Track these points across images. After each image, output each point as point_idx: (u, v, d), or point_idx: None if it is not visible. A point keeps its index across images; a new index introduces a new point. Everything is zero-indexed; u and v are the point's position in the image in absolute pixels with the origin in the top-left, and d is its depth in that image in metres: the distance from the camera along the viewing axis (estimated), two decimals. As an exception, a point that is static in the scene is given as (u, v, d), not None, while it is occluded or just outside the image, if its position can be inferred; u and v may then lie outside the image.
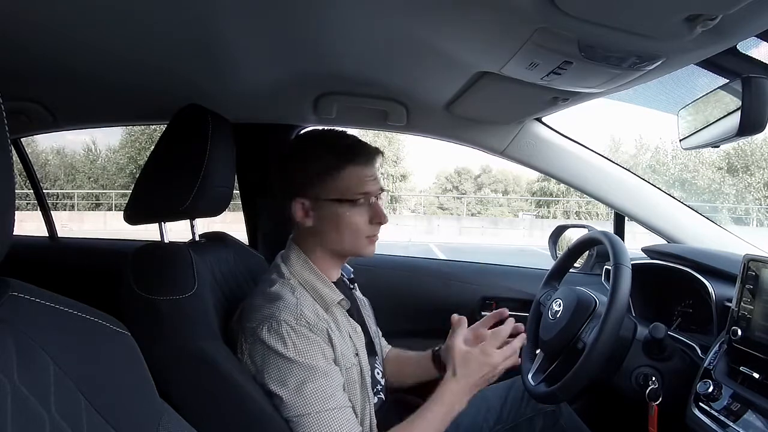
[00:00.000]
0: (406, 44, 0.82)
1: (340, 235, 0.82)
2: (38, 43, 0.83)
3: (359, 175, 0.81)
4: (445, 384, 0.81)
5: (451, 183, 25.08)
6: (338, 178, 0.80)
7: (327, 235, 0.82)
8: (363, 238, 0.83)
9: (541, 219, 17.70)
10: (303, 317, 0.75)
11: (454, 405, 0.80)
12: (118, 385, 0.47)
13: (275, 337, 0.73)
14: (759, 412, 0.68)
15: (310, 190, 0.81)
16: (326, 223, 0.81)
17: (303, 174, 0.81)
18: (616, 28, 0.62)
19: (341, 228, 0.81)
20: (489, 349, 0.81)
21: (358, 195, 0.80)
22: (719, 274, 0.97)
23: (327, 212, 0.81)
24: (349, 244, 0.83)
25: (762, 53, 0.82)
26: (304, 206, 0.81)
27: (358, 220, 0.81)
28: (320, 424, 0.72)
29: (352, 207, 0.80)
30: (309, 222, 0.82)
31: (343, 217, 0.80)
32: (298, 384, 0.72)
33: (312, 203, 0.81)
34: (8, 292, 0.41)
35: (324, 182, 0.80)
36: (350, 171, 0.80)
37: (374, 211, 0.82)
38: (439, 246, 10.79)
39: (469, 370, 0.81)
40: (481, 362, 0.81)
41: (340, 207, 0.80)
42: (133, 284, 0.73)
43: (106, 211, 15.36)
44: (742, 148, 18.78)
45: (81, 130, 2.50)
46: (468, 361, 0.81)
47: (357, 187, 0.80)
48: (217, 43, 0.86)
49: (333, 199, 0.80)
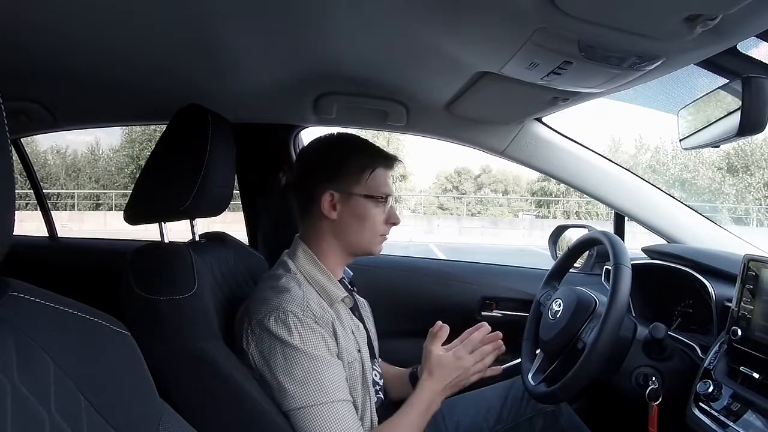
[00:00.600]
0: (406, 44, 0.82)
1: (361, 230, 0.86)
2: (38, 43, 0.83)
3: (384, 178, 0.88)
4: (424, 383, 0.85)
5: (451, 183, 25.07)
6: (370, 176, 0.86)
7: (348, 229, 0.86)
8: (378, 235, 0.88)
9: (541, 219, 17.70)
10: (309, 309, 0.77)
11: (432, 404, 0.84)
12: (118, 385, 0.47)
13: (282, 327, 0.75)
14: (759, 412, 0.68)
15: (344, 184, 0.85)
16: (351, 217, 0.86)
17: (338, 168, 0.85)
18: (616, 28, 0.62)
19: (364, 223, 0.86)
20: (460, 352, 0.86)
21: (382, 195, 0.87)
22: (719, 274, 0.97)
23: (354, 207, 0.85)
24: (366, 239, 0.88)
25: (762, 53, 0.82)
26: (333, 198, 0.85)
27: (378, 218, 0.87)
28: (321, 416, 0.73)
29: (377, 205, 0.86)
30: (333, 215, 0.85)
31: (369, 213, 0.86)
32: (303, 374, 0.74)
33: (341, 196, 0.85)
34: (8, 292, 0.41)
35: (358, 179, 0.85)
36: (379, 172, 0.87)
37: (390, 213, 0.89)
38: (439, 246, 10.79)
39: (444, 372, 0.85)
40: (454, 365, 0.85)
41: (367, 203, 0.85)
42: (133, 284, 0.73)
43: (107, 211, 15.37)
44: (742, 148, 18.78)
45: (82, 130, 2.51)
46: (442, 364, 0.85)
47: (381, 188, 0.87)
48: (217, 43, 0.86)
49: (363, 195, 0.85)
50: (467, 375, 0.86)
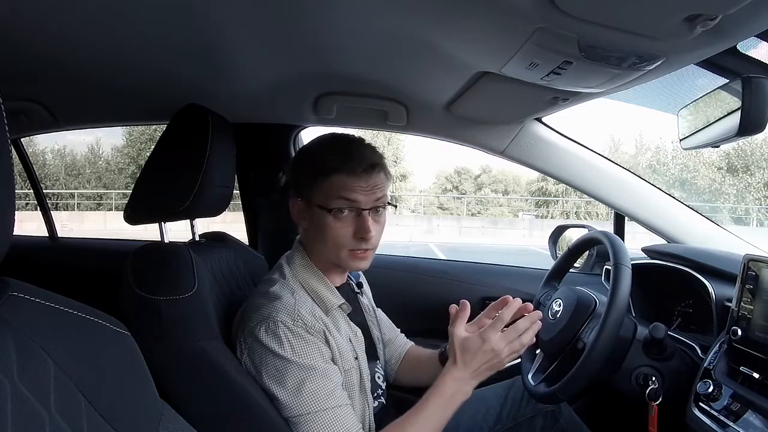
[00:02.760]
0: (406, 44, 0.82)
1: (324, 244, 0.80)
2: (38, 43, 0.83)
3: (346, 185, 0.77)
4: (446, 373, 0.78)
5: (451, 183, 25.08)
6: (324, 184, 0.77)
7: (313, 241, 0.82)
8: (344, 250, 0.79)
9: (541, 219, 17.70)
10: (300, 318, 0.75)
11: (457, 395, 0.77)
12: (118, 385, 0.47)
13: (272, 338, 0.73)
14: (759, 412, 0.68)
15: (305, 192, 0.80)
16: (314, 228, 0.80)
17: (299, 174, 0.81)
18: (616, 28, 0.62)
19: (324, 236, 0.79)
20: (488, 333, 0.77)
21: (342, 205, 0.77)
22: (719, 274, 0.97)
23: (314, 217, 0.80)
24: (332, 254, 0.80)
25: (762, 53, 0.82)
26: (299, 207, 0.82)
27: (339, 231, 0.78)
28: (320, 424, 0.72)
29: (335, 217, 0.77)
30: (304, 224, 0.83)
31: (326, 226, 0.78)
32: (296, 384, 0.72)
33: (303, 205, 0.81)
34: (8, 292, 0.41)
35: (313, 186, 0.78)
36: (336, 179, 0.77)
37: (359, 225, 0.78)
38: (439, 246, 10.79)
39: (469, 357, 0.77)
40: (481, 348, 0.76)
41: (323, 214, 0.78)
42: (133, 284, 0.73)
43: (107, 212, 15.37)
44: (742, 148, 18.79)
45: (82, 131, 2.50)
46: (467, 348, 0.77)
47: (341, 197, 0.77)
48: (217, 43, 0.86)
49: (319, 205, 0.78)
50: (500, 358, 0.77)
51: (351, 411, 0.76)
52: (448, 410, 0.77)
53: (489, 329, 0.77)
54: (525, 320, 0.79)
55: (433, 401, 0.77)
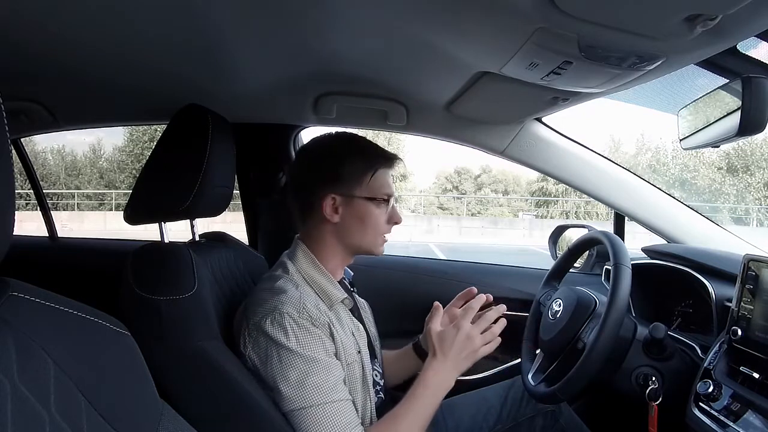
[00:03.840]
0: (406, 44, 0.82)
1: (364, 232, 0.86)
2: (38, 43, 0.83)
3: (386, 178, 0.87)
4: (428, 365, 0.82)
5: (451, 183, 25.08)
6: (372, 178, 0.85)
7: (350, 231, 0.86)
8: (380, 235, 0.88)
9: (541, 219, 17.70)
10: (305, 310, 0.76)
11: (441, 384, 0.81)
12: (118, 385, 0.47)
13: (278, 329, 0.75)
14: (759, 412, 0.68)
15: (345, 188, 0.85)
16: (353, 219, 0.85)
17: (339, 172, 0.85)
18: (616, 28, 0.62)
19: (366, 225, 0.86)
20: (461, 322, 0.82)
21: (384, 196, 0.86)
22: (719, 274, 0.97)
23: (356, 209, 0.85)
24: (368, 240, 0.87)
25: (762, 53, 0.82)
26: (334, 202, 0.85)
27: (381, 219, 0.87)
28: (321, 417, 0.73)
29: (379, 206, 0.86)
30: (336, 218, 0.85)
31: (371, 215, 0.86)
32: (299, 377, 0.73)
33: (343, 200, 0.85)
34: (8, 292, 0.41)
35: (359, 181, 0.85)
36: (380, 173, 0.86)
37: (392, 213, 0.89)
38: (439, 246, 10.79)
39: (447, 347, 0.81)
40: (456, 336, 0.81)
41: (369, 205, 0.85)
42: (133, 284, 0.73)
43: (107, 212, 15.37)
44: (742, 148, 18.79)
45: (83, 131, 2.50)
46: (444, 339, 0.82)
47: (383, 189, 0.86)
48: (217, 43, 0.86)
49: (365, 197, 0.85)
50: (475, 346, 0.81)
51: (351, 406, 0.77)
52: (435, 401, 0.81)
53: (461, 319, 0.83)
54: (492, 312, 0.84)
55: (419, 394, 0.80)
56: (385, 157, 0.88)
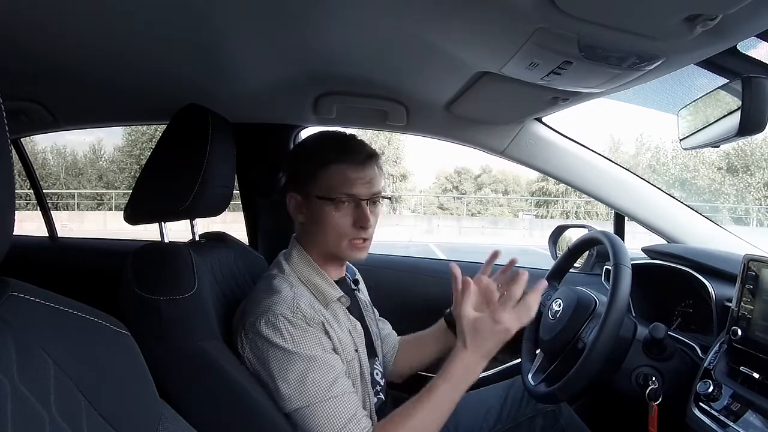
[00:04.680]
0: (406, 44, 0.82)
1: (324, 235, 0.82)
2: (38, 43, 0.83)
3: (346, 176, 0.80)
4: (455, 356, 0.76)
5: (451, 183, 25.09)
6: (324, 175, 0.80)
7: (312, 233, 0.84)
8: (345, 240, 0.82)
9: (541, 219, 17.71)
10: (299, 310, 0.76)
11: (469, 376, 0.76)
12: (118, 385, 0.47)
13: (272, 330, 0.74)
14: (759, 412, 0.68)
15: (302, 186, 0.82)
16: (313, 221, 0.82)
17: (297, 169, 0.83)
18: (616, 28, 0.62)
19: (324, 227, 0.81)
20: (500, 315, 0.74)
21: (342, 195, 0.79)
22: (719, 274, 0.97)
23: (314, 210, 0.82)
24: (332, 245, 0.82)
25: (762, 53, 0.82)
26: (296, 201, 0.84)
27: (340, 221, 0.80)
28: (323, 413, 0.73)
29: (336, 207, 0.80)
30: (300, 218, 0.84)
31: (326, 217, 0.80)
32: (298, 376, 0.73)
33: (303, 199, 0.83)
34: (8, 292, 0.41)
35: (313, 179, 0.81)
36: (336, 170, 0.79)
37: (358, 214, 0.80)
38: (439, 246, 10.79)
39: (481, 339, 0.75)
40: (494, 329, 0.75)
41: (324, 205, 0.80)
42: (133, 284, 0.73)
43: (107, 212, 15.37)
44: (742, 148, 18.79)
45: (83, 131, 2.50)
46: (478, 330, 0.75)
47: (341, 188, 0.79)
48: (218, 43, 0.86)
49: (319, 196, 0.81)
50: (510, 334, 0.75)
51: (354, 397, 0.76)
52: (456, 394, 0.76)
53: (501, 310, 0.75)
54: (534, 295, 0.77)
55: (442, 386, 0.75)
56: (343, 152, 0.80)
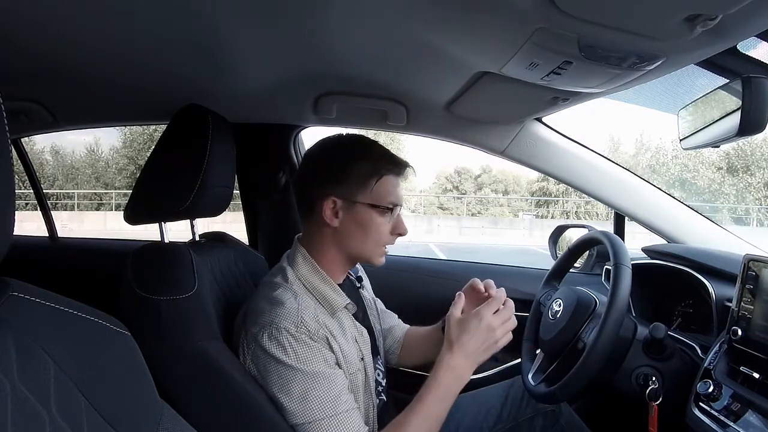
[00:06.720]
0: (406, 44, 0.82)
1: (364, 240, 0.83)
2: (38, 43, 0.83)
3: (393, 186, 0.83)
4: (441, 360, 0.78)
5: (451, 183, 25.07)
6: (377, 184, 0.81)
7: (350, 238, 0.82)
8: (381, 246, 0.84)
9: (541, 219, 17.70)
10: (303, 324, 0.74)
11: (454, 383, 0.77)
12: (118, 385, 0.47)
13: (275, 345, 0.73)
14: (759, 412, 0.68)
15: (346, 192, 0.81)
16: (353, 225, 0.82)
17: (342, 174, 0.81)
18: (616, 28, 0.62)
19: (367, 233, 0.82)
20: (483, 311, 0.78)
21: (389, 204, 0.82)
22: (719, 274, 0.97)
23: (357, 215, 0.81)
24: (368, 249, 0.84)
25: (762, 53, 0.82)
26: (335, 206, 0.81)
27: (383, 228, 0.83)
28: (327, 430, 0.72)
29: (382, 215, 0.82)
30: (335, 222, 0.81)
31: (372, 223, 0.82)
32: (301, 392, 0.72)
33: (344, 204, 0.81)
34: (8, 292, 0.41)
35: (362, 186, 0.81)
36: (387, 180, 0.82)
37: (397, 223, 0.84)
38: (439, 246, 10.78)
39: (467, 337, 0.77)
40: (478, 326, 0.77)
41: (371, 212, 0.81)
42: (133, 284, 0.73)
43: (107, 212, 15.37)
44: (742, 148, 18.78)
45: (82, 131, 2.50)
46: (464, 328, 0.78)
47: (389, 197, 0.82)
48: (218, 43, 0.86)
49: (368, 203, 0.81)
50: (496, 337, 0.77)
51: (357, 414, 0.76)
52: (447, 401, 0.77)
53: (484, 308, 0.79)
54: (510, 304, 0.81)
55: (431, 394, 0.76)
56: (393, 163, 0.83)
